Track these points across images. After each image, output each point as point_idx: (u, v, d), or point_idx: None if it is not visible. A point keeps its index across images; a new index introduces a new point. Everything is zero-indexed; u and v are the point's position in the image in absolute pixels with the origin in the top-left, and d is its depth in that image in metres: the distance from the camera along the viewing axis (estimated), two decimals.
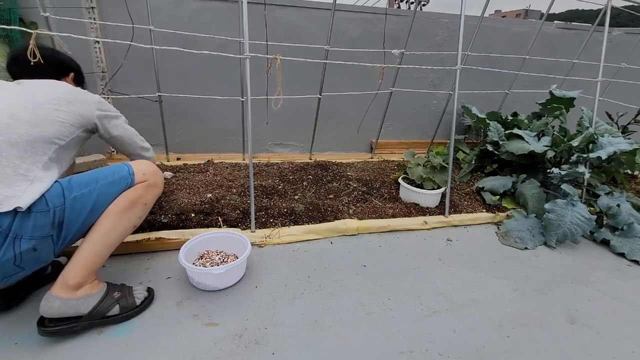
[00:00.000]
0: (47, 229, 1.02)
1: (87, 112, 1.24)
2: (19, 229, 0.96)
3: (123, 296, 1.21)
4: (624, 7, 2.74)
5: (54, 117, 1.13)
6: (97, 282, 1.19)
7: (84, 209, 1.10)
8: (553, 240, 1.90)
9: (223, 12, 2.40)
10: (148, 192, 1.25)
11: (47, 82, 1.24)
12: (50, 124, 1.12)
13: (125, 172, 1.21)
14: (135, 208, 1.21)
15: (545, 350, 1.24)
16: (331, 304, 1.36)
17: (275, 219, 1.84)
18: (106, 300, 1.17)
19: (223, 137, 2.74)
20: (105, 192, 1.15)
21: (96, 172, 1.18)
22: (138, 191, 1.22)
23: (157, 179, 1.29)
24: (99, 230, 1.13)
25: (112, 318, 1.17)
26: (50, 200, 1.02)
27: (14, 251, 0.96)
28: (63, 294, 1.08)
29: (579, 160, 2.13)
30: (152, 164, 1.32)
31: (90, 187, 1.12)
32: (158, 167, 1.37)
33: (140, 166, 1.26)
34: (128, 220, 1.20)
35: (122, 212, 1.17)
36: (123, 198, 1.18)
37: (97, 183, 1.14)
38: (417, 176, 2.14)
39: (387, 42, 2.53)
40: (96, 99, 1.30)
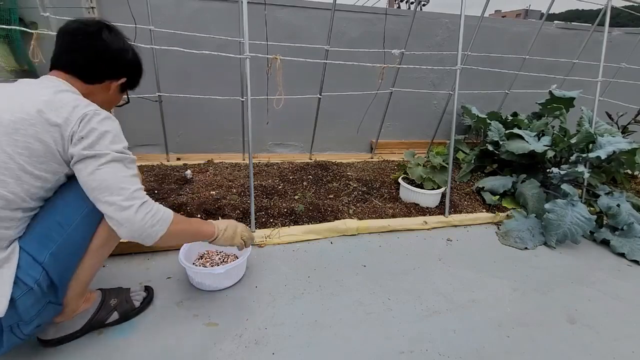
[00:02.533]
0: (42, 301, 0.89)
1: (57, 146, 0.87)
2: (9, 321, 0.84)
3: (121, 302, 1.19)
4: (624, 7, 2.74)
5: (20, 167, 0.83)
6: (90, 294, 1.14)
7: (70, 258, 0.95)
8: (553, 240, 1.90)
9: (223, 12, 2.40)
10: None
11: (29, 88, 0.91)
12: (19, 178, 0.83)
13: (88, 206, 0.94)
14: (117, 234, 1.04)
15: (545, 350, 1.24)
16: (331, 304, 1.36)
17: (275, 219, 1.84)
18: (102, 310, 1.14)
19: (223, 137, 2.74)
20: (83, 230, 0.97)
21: (56, 212, 0.92)
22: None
23: None
24: (85, 266, 1.01)
25: (113, 324, 1.17)
26: (27, 277, 0.85)
27: (17, 337, 0.89)
28: (58, 320, 1.05)
29: (578, 160, 2.13)
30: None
31: (62, 234, 0.92)
32: None
33: None
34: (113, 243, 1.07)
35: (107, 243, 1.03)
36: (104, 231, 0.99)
37: (65, 228, 0.92)
38: (417, 176, 2.14)
39: (387, 42, 2.53)
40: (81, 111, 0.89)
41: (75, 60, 0.97)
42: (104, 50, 0.99)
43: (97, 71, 1.01)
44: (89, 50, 0.97)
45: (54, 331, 1.06)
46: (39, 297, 0.88)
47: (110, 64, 1.02)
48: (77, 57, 0.97)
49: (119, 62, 1.04)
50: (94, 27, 0.98)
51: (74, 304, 1.06)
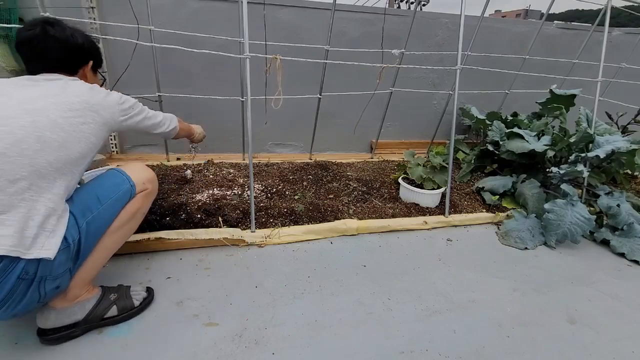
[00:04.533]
0: (68, 263, 0.99)
1: (111, 120, 1.11)
2: (43, 271, 0.92)
3: (120, 297, 1.20)
4: (624, 7, 2.74)
5: (80, 134, 1.01)
6: (92, 288, 1.17)
7: (98, 231, 1.07)
8: (553, 240, 1.90)
9: (223, 12, 2.40)
10: (146, 200, 1.23)
11: (64, 82, 1.05)
12: (76, 143, 1.00)
13: (127, 185, 1.15)
14: (135, 219, 1.20)
15: (545, 350, 1.24)
16: (331, 304, 1.36)
17: (275, 219, 1.84)
18: (102, 303, 1.16)
19: (223, 137, 2.74)
20: (113, 209, 1.11)
21: (96, 189, 1.10)
22: (139, 202, 1.19)
23: (154, 186, 1.26)
24: (102, 247, 1.11)
25: (111, 319, 1.17)
26: (70, 235, 0.97)
27: (39, 293, 0.94)
28: (59, 305, 1.08)
29: (577, 159, 2.13)
30: (148, 170, 1.26)
31: (98, 208, 1.07)
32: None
33: (139, 174, 1.20)
34: (129, 231, 1.20)
35: (124, 226, 1.16)
36: (125, 212, 1.15)
37: (102, 203, 1.08)
38: (417, 176, 2.14)
39: (387, 42, 2.53)
40: (116, 99, 1.14)
41: (47, 62, 1.07)
42: (60, 45, 1.07)
43: (68, 63, 1.11)
44: (49, 50, 1.06)
45: (54, 317, 1.07)
46: (69, 257, 0.98)
47: (73, 54, 1.12)
48: (46, 59, 1.07)
49: (78, 50, 1.13)
50: (39, 29, 1.04)
51: (77, 289, 1.10)
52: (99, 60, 1.24)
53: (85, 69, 1.18)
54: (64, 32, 1.08)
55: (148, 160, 2.46)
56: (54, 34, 1.05)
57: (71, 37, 1.10)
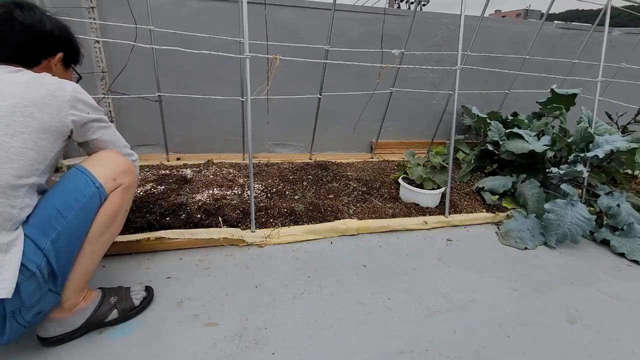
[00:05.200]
0: (42, 288, 0.90)
1: (56, 122, 0.92)
2: (12, 306, 0.84)
3: (120, 300, 1.19)
4: (624, 7, 2.74)
5: (10, 150, 0.84)
6: (90, 292, 1.14)
7: (70, 246, 0.96)
8: (553, 240, 1.90)
9: (223, 12, 2.40)
10: (125, 197, 1.08)
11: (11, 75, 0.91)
12: (5, 162, 0.83)
13: (91, 187, 0.98)
14: (117, 221, 1.09)
15: (545, 350, 1.24)
16: (331, 304, 1.36)
17: (275, 219, 1.84)
18: (102, 307, 1.14)
19: (223, 137, 2.74)
20: (81, 219, 0.98)
21: (55, 200, 0.94)
22: (116, 202, 1.05)
23: (131, 178, 1.09)
24: (87, 256, 1.03)
25: (111, 322, 1.17)
26: (29, 263, 0.85)
27: (19, 323, 0.89)
28: (57, 315, 1.05)
29: (577, 159, 2.13)
30: (118, 159, 1.07)
31: (61, 222, 0.93)
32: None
33: (106, 170, 1.03)
34: (113, 234, 1.11)
35: (105, 230, 1.05)
36: (102, 216, 1.03)
37: (64, 216, 0.93)
38: (417, 176, 2.14)
39: (387, 42, 2.53)
40: (68, 91, 0.95)
41: (4, 49, 0.96)
42: (22, 30, 0.95)
43: (28, 53, 0.98)
44: (9, 34, 0.95)
45: (54, 328, 1.05)
46: (41, 283, 0.89)
47: (36, 42, 0.99)
48: (2, 45, 0.95)
49: (43, 38, 1.00)
50: (3, 10, 0.95)
51: (73, 299, 1.06)
52: (73, 53, 1.10)
53: (51, 61, 1.03)
54: (31, 17, 0.97)
55: (148, 160, 2.46)
56: (19, 17, 0.94)
57: (39, 22, 0.97)
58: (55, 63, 1.04)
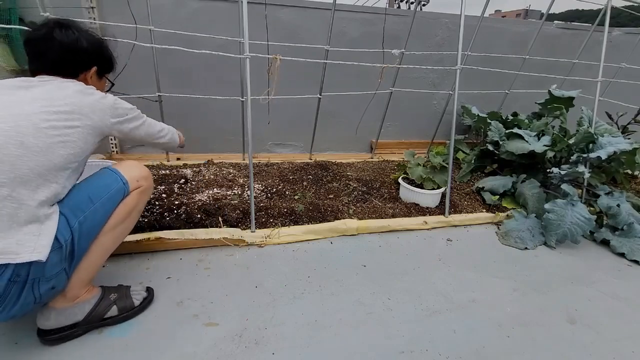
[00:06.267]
0: (62, 264, 0.99)
1: (101, 123, 1.08)
2: (35, 273, 0.92)
3: (120, 297, 1.20)
4: (624, 7, 2.74)
5: (65, 138, 0.98)
6: (92, 288, 1.17)
7: (91, 230, 1.06)
8: (553, 240, 1.90)
9: (223, 12, 2.40)
10: (142, 198, 1.21)
11: (57, 84, 1.04)
12: (60, 148, 0.97)
13: (119, 183, 1.14)
14: (131, 217, 1.19)
15: (545, 350, 1.24)
16: (331, 304, 1.36)
17: (275, 219, 1.84)
18: (102, 303, 1.16)
19: (223, 137, 2.74)
20: (105, 208, 1.10)
21: (88, 188, 1.08)
22: (133, 200, 1.18)
23: (149, 183, 1.24)
24: (99, 246, 1.11)
25: (111, 319, 1.17)
26: (61, 236, 0.96)
27: (33, 294, 0.94)
28: (58, 305, 1.08)
29: (578, 160, 2.13)
30: (142, 167, 1.23)
31: (90, 207, 1.05)
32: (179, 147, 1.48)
33: (132, 172, 1.18)
34: (125, 229, 1.19)
35: (120, 225, 1.15)
36: (121, 210, 1.14)
37: (94, 203, 1.06)
38: (417, 176, 2.14)
39: (387, 42, 2.53)
40: (110, 102, 1.11)
41: (45, 64, 1.06)
42: (61, 48, 1.06)
43: (65, 67, 1.09)
44: (49, 51, 1.05)
45: (55, 317, 1.08)
46: (62, 258, 0.98)
47: (72, 58, 1.09)
48: (44, 61, 1.06)
49: (79, 55, 1.10)
50: (45, 30, 1.05)
51: (77, 289, 1.11)
52: (106, 66, 1.23)
53: (87, 74, 1.16)
54: (70, 36, 1.07)
55: (148, 160, 2.46)
56: (58, 36, 1.05)
57: (76, 41, 1.08)
58: (90, 76, 1.17)
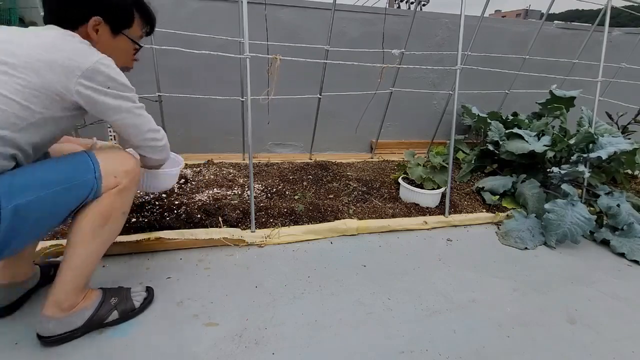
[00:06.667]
0: None
1: (58, 85, 0.85)
2: None
3: (121, 300, 1.18)
4: (624, 7, 2.74)
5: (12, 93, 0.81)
6: (91, 292, 1.13)
7: (34, 226, 0.88)
8: (553, 240, 1.90)
9: (223, 12, 2.40)
10: (119, 199, 1.01)
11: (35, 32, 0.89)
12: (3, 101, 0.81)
13: (89, 175, 0.93)
14: (113, 220, 1.03)
15: (545, 350, 1.24)
16: (331, 304, 1.36)
17: (275, 219, 1.84)
18: (102, 308, 1.13)
19: (223, 137, 2.74)
20: (59, 202, 0.89)
21: (48, 170, 0.90)
22: (111, 203, 0.99)
23: (130, 180, 1.03)
24: (79, 254, 1.00)
25: (112, 323, 1.16)
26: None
27: None
28: (57, 315, 1.04)
29: (579, 160, 2.13)
30: (128, 159, 1.03)
31: (39, 193, 0.85)
32: None
33: (113, 165, 0.98)
34: (111, 233, 1.05)
35: (99, 229, 1.00)
36: (95, 215, 0.97)
37: (48, 189, 0.86)
38: (417, 176, 2.14)
39: (387, 42, 2.52)
40: (89, 65, 0.87)
41: (46, 12, 0.93)
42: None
43: (61, 16, 0.92)
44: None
45: (53, 327, 1.04)
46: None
47: (65, 4, 0.92)
48: (45, 8, 0.93)
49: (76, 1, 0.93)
50: None
51: (72, 299, 1.05)
52: (119, 17, 0.99)
53: (86, 28, 0.94)
54: None
55: None
56: None
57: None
58: (94, 29, 0.95)
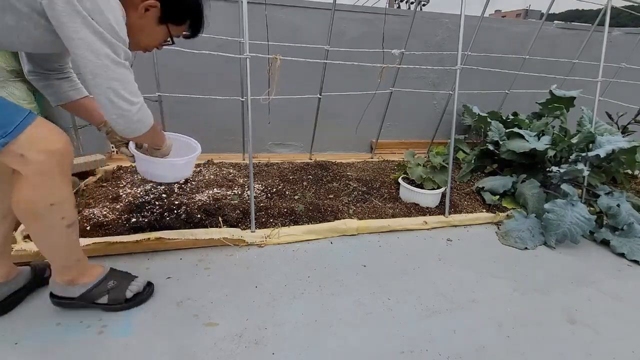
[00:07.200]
0: None
1: None
2: None
3: (117, 286, 1.22)
4: (624, 7, 2.74)
5: None
6: (96, 269, 1.21)
7: None
8: (553, 240, 1.90)
9: (223, 12, 2.40)
10: (40, 190, 0.88)
11: None
12: None
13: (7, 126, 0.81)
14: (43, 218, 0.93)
15: (545, 350, 1.24)
16: (331, 304, 1.36)
17: (275, 219, 1.84)
18: (97, 288, 1.19)
19: (223, 137, 2.74)
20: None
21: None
22: (24, 195, 0.88)
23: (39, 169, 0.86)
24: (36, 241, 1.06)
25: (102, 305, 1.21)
26: None
27: None
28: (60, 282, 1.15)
29: (578, 159, 2.13)
30: (51, 138, 0.89)
31: None
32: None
33: (30, 139, 0.84)
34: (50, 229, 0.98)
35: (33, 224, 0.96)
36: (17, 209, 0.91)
37: None
38: (417, 176, 2.14)
39: (387, 42, 2.52)
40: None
41: None
42: None
43: None
44: None
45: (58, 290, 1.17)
46: None
47: None
48: None
49: None
50: None
51: (67, 275, 1.14)
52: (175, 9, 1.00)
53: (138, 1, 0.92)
54: None
55: None
56: None
57: None
58: (144, 7, 0.93)
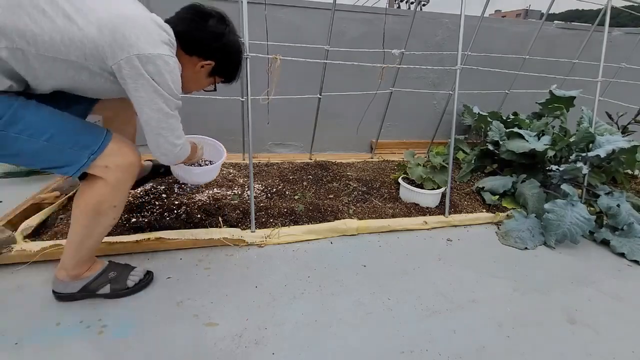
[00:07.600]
0: None
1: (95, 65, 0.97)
2: None
3: (118, 276, 1.28)
4: (624, 7, 2.74)
5: None
6: (97, 264, 1.27)
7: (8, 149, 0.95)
8: (552, 240, 1.90)
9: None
10: (113, 194, 1.10)
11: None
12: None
13: (84, 153, 1.01)
14: (102, 215, 1.12)
15: (545, 350, 1.24)
16: (331, 304, 1.36)
17: (275, 219, 1.84)
18: (99, 279, 1.25)
19: (223, 137, 2.72)
20: (44, 152, 0.98)
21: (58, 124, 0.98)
22: (98, 195, 1.08)
23: (118, 177, 1.08)
24: (77, 233, 1.14)
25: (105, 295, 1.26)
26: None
27: None
28: (64, 278, 1.21)
29: (578, 158, 2.13)
30: (128, 153, 1.10)
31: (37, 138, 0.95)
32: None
33: (111, 154, 1.06)
34: (100, 223, 1.14)
35: (90, 216, 1.11)
36: (86, 201, 1.09)
37: (47, 140, 0.96)
38: (417, 176, 2.14)
39: (387, 42, 2.53)
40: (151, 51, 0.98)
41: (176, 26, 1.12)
42: (199, 28, 1.13)
43: (189, 43, 1.12)
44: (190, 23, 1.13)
45: (61, 287, 1.22)
46: None
47: (200, 41, 1.14)
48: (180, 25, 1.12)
49: (208, 43, 1.15)
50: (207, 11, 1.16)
51: (77, 270, 1.21)
52: (224, 70, 1.25)
53: (201, 61, 1.17)
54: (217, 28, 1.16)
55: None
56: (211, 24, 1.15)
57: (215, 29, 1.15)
58: (202, 64, 1.18)
